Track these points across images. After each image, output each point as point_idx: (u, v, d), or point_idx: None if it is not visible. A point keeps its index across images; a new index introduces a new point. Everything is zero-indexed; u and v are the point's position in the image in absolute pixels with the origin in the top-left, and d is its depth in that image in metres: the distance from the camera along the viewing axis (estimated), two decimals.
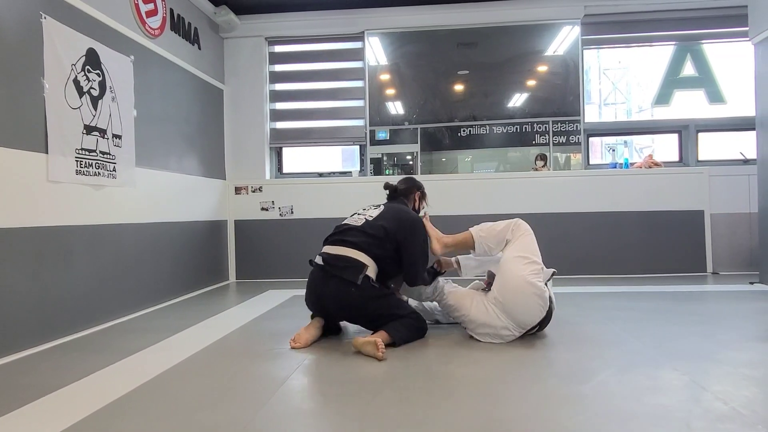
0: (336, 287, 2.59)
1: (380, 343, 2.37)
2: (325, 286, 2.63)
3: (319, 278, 2.68)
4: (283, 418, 1.75)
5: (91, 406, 1.86)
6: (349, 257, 2.62)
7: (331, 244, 2.74)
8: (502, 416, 1.70)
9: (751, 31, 4.33)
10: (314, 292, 2.72)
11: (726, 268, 5.01)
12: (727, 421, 1.58)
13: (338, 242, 2.72)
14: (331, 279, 2.61)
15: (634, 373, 2.09)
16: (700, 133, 5.42)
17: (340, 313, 2.74)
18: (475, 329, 2.67)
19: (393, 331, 2.57)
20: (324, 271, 2.65)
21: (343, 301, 2.60)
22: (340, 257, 2.64)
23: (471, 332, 2.70)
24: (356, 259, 2.61)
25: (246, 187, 5.41)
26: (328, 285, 2.62)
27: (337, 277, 2.59)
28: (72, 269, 3.08)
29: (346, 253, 2.63)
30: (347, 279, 2.56)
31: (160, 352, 2.63)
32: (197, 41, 4.86)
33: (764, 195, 4.28)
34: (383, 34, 5.54)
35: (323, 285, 2.65)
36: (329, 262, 2.65)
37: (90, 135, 3.24)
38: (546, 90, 5.50)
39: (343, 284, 2.57)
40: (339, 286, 2.58)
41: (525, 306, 2.53)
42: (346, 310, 2.68)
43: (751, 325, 2.92)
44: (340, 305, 2.64)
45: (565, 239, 5.04)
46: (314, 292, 2.72)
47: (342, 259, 2.62)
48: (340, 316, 2.78)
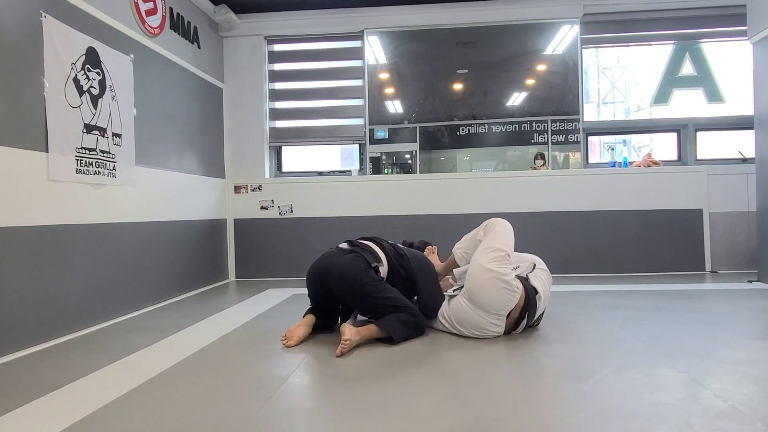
0: (348, 261, 2.69)
1: (344, 344, 2.42)
2: (337, 258, 2.73)
3: (333, 253, 2.83)
4: (285, 416, 1.75)
5: (92, 405, 1.87)
6: (374, 250, 2.80)
7: (361, 238, 2.97)
8: (501, 415, 1.70)
9: (750, 30, 4.34)
10: (321, 263, 2.79)
11: (724, 266, 5.03)
12: (727, 419, 1.59)
13: (368, 238, 2.95)
14: (347, 254, 2.74)
15: (633, 371, 2.10)
16: (698, 132, 5.43)
17: (337, 289, 2.70)
18: (460, 328, 2.69)
19: (387, 326, 2.58)
20: (341, 250, 2.82)
21: (347, 272, 2.65)
22: (366, 246, 2.83)
23: (460, 333, 2.71)
24: (378, 253, 2.81)
25: (245, 186, 5.41)
26: (340, 257, 2.72)
27: (354, 253, 2.73)
28: (72, 268, 3.09)
29: (372, 246, 2.84)
30: (361, 255, 2.70)
31: (161, 351, 2.64)
32: (197, 40, 4.86)
33: (762, 194, 4.29)
34: (382, 33, 5.55)
35: (335, 257, 2.75)
36: (353, 242, 2.88)
37: (90, 134, 3.24)
38: (545, 89, 5.50)
39: (356, 260, 2.68)
40: (351, 261, 2.68)
41: (486, 291, 2.54)
42: (345, 285, 2.66)
43: (749, 324, 2.93)
44: (341, 276, 2.66)
45: (564, 238, 5.06)
46: (321, 263, 2.79)
47: (366, 247, 2.81)
48: (335, 294, 2.74)
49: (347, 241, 2.93)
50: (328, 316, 2.91)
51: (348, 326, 2.51)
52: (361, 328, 2.55)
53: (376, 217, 5.21)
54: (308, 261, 5.46)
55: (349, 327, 2.51)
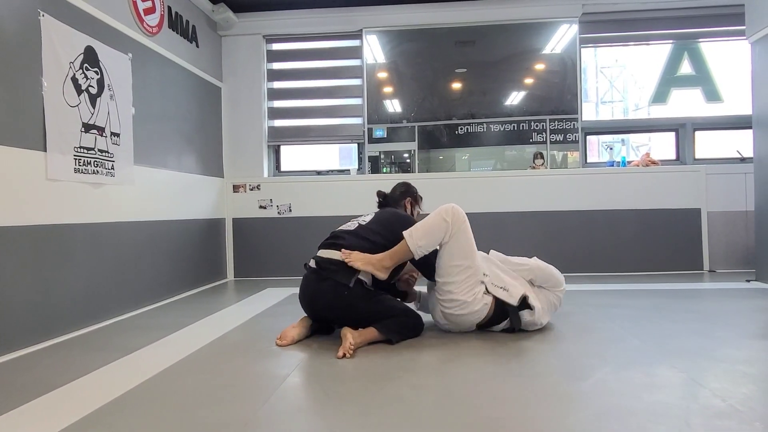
0: (328, 290, 2.58)
1: (348, 346, 2.40)
2: (317, 289, 2.63)
3: (312, 281, 2.68)
4: (284, 416, 1.75)
5: (91, 404, 1.86)
6: (341, 261, 2.60)
7: (324, 248, 2.73)
8: (501, 414, 1.70)
9: (748, 30, 4.34)
10: (306, 295, 2.72)
11: (723, 266, 5.04)
12: (725, 418, 1.60)
13: (331, 245, 2.71)
14: (324, 282, 2.60)
15: (632, 370, 2.10)
16: (697, 132, 5.44)
17: (331, 316, 2.71)
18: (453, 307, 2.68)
19: (385, 330, 2.57)
20: (317, 274, 2.64)
21: (335, 303, 2.59)
22: (332, 261, 2.62)
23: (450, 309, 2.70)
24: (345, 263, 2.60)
25: (244, 185, 5.40)
26: (320, 288, 2.61)
27: (330, 279, 2.58)
28: (71, 267, 3.08)
29: (338, 257, 2.62)
30: (340, 282, 2.55)
31: (160, 350, 2.63)
32: (195, 39, 4.86)
33: (760, 193, 4.30)
34: (381, 32, 5.54)
35: (315, 287, 2.64)
36: (321, 265, 2.64)
37: (88, 133, 3.24)
38: (543, 88, 5.51)
39: (336, 287, 2.56)
40: (331, 289, 2.57)
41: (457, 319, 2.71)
42: (338, 312, 2.64)
43: (748, 323, 2.94)
44: (331, 307, 2.62)
45: (563, 237, 5.06)
46: (306, 295, 2.72)
47: (334, 263, 2.61)
48: (331, 318, 2.75)
49: (315, 259, 2.71)
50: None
51: (349, 330, 2.51)
52: (362, 331, 2.54)
53: None
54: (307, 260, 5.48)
55: (351, 330, 2.51)
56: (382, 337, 2.58)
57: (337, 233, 2.81)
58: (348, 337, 2.46)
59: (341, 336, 2.51)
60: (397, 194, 3.13)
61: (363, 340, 2.53)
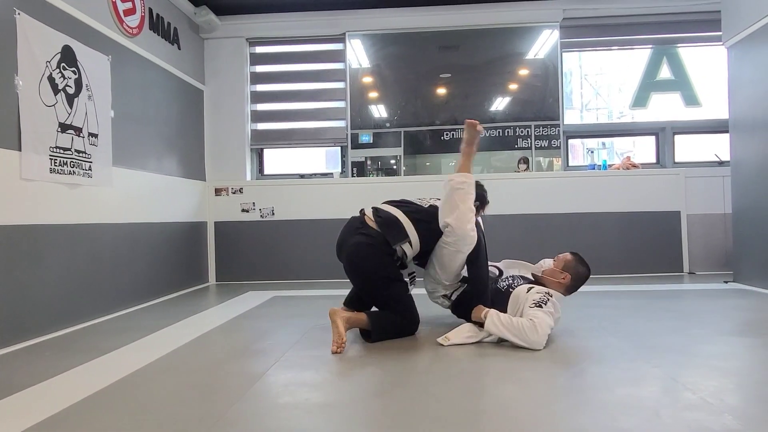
0: (358, 244, 2.58)
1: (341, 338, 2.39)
2: (351, 236, 2.63)
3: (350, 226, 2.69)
4: (256, 413, 1.73)
5: (59, 404, 1.83)
6: (401, 225, 2.60)
7: (391, 204, 2.74)
8: (477, 408, 1.70)
9: (725, 35, 4.42)
10: (339, 239, 2.72)
11: (702, 267, 5.09)
12: (695, 410, 1.61)
13: (399, 205, 2.72)
14: (360, 234, 2.60)
15: (607, 366, 2.11)
16: (676, 136, 5.51)
17: (349, 269, 2.67)
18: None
19: (375, 325, 2.56)
20: (359, 225, 2.64)
21: (359, 261, 2.58)
22: (391, 220, 2.62)
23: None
24: (405, 228, 2.61)
25: (226, 189, 5.37)
26: (354, 237, 2.61)
27: (365, 235, 2.58)
28: (46, 269, 3.03)
29: (396, 214, 2.64)
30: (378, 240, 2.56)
31: (135, 352, 2.60)
32: (177, 41, 4.83)
33: (738, 196, 4.36)
34: (365, 35, 5.56)
35: (349, 234, 2.65)
36: (378, 212, 2.66)
37: (65, 133, 3.20)
38: (527, 92, 5.55)
39: (369, 248, 2.56)
40: (362, 246, 2.57)
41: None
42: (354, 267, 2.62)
43: (723, 321, 2.98)
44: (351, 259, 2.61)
45: (545, 239, 5.08)
46: (339, 239, 2.72)
47: (391, 222, 2.61)
48: (347, 270, 2.70)
49: (374, 209, 2.71)
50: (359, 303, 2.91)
51: (339, 315, 2.48)
52: (352, 318, 2.52)
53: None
54: (289, 263, 5.44)
55: (341, 316, 2.48)
56: (366, 327, 2.56)
57: (407, 201, 2.81)
58: (339, 326, 2.42)
59: (331, 320, 2.47)
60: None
61: (350, 326, 2.51)
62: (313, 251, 5.25)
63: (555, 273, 2.64)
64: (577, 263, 2.65)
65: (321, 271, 5.22)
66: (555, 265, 2.68)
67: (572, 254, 2.70)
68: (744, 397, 1.78)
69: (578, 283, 2.67)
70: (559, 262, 2.68)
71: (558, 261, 2.69)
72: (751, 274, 4.15)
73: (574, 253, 2.71)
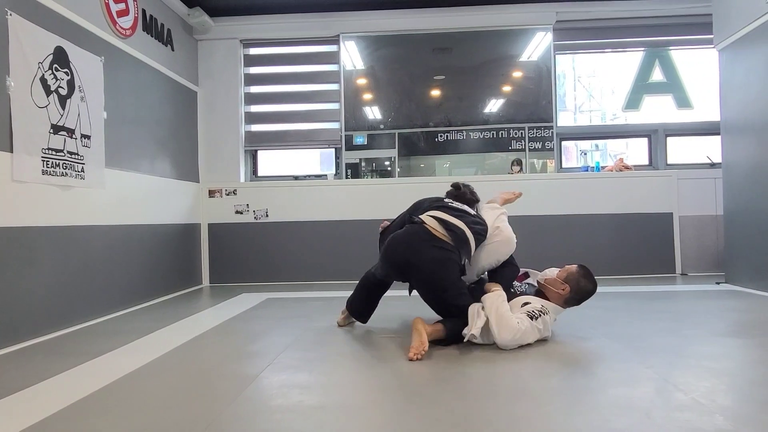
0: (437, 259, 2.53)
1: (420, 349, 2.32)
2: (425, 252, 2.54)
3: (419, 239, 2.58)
4: (249, 415, 1.73)
5: (51, 407, 1.82)
6: (467, 236, 2.60)
7: (451, 215, 2.66)
8: (470, 410, 1.70)
9: (716, 38, 4.45)
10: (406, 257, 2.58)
11: (694, 269, 5.12)
12: (686, 411, 1.62)
13: (458, 217, 2.67)
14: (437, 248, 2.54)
15: (600, 367, 2.12)
16: (668, 138, 5.55)
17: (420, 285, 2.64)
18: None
19: (450, 332, 2.50)
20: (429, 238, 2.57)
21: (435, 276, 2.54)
22: (462, 230, 2.60)
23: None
24: (470, 240, 2.61)
25: (220, 190, 5.36)
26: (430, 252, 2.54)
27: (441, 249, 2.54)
28: (37, 271, 3.01)
29: (465, 229, 2.61)
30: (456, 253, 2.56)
31: (128, 354, 2.58)
32: (170, 42, 4.82)
33: (729, 198, 4.39)
34: (359, 37, 5.56)
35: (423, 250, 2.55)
36: (451, 228, 2.59)
37: (57, 135, 3.18)
38: (520, 95, 5.57)
39: (447, 263, 2.54)
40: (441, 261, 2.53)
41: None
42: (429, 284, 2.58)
43: (716, 322, 2.99)
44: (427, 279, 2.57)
45: (538, 241, 5.09)
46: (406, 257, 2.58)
47: (462, 232, 2.60)
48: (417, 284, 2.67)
49: (438, 220, 2.62)
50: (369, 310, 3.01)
51: (422, 323, 2.43)
52: (431, 329, 2.45)
53: (353, 222, 5.20)
54: (283, 265, 5.43)
55: (423, 324, 2.42)
56: (441, 336, 2.49)
57: (457, 207, 2.76)
58: (422, 334, 2.36)
59: (413, 329, 2.41)
60: (468, 196, 3.02)
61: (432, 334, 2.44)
62: (307, 253, 5.25)
63: (555, 283, 2.60)
64: (580, 277, 2.59)
65: (315, 272, 5.22)
66: (558, 275, 2.62)
67: (579, 267, 2.63)
68: (735, 397, 1.79)
69: (579, 297, 2.61)
70: (563, 273, 2.62)
71: (562, 271, 2.63)
72: (743, 275, 4.18)
73: (582, 267, 2.64)
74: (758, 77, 3.93)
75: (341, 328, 3.03)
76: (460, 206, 2.79)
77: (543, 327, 2.47)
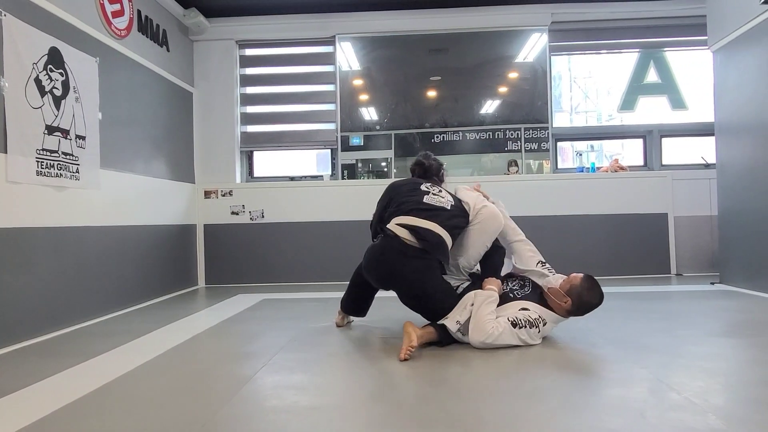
0: (417, 269, 2.52)
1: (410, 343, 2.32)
2: (403, 264, 2.52)
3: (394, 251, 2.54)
4: (244, 416, 1.73)
5: (45, 408, 1.81)
6: (441, 239, 2.55)
7: (423, 218, 2.59)
8: (464, 409, 1.71)
9: (710, 39, 4.47)
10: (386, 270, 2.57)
11: (689, 269, 5.14)
12: (680, 410, 1.62)
13: (429, 217, 2.60)
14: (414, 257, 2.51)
15: (595, 367, 2.13)
16: (663, 138, 5.57)
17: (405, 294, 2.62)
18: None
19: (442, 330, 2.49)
20: (403, 248, 2.52)
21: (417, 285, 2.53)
22: (433, 233, 2.54)
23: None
24: (445, 241, 2.57)
25: (216, 191, 5.35)
26: (410, 263, 2.51)
27: (423, 257, 2.52)
28: (32, 272, 3.00)
29: (438, 231, 2.55)
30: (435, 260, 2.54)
31: (123, 355, 2.58)
32: (166, 43, 4.81)
33: (723, 198, 4.41)
34: (355, 38, 5.57)
35: (399, 262, 2.52)
36: (420, 233, 2.52)
37: (52, 135, 3.18)
38: (516, 95, 5.58)
39: (427, 271, 2.53)
40: (421, 270, 2.52)
41: None
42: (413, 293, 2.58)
43: (711, 322, 3.01)
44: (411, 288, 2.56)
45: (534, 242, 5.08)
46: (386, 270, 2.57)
47: (439, 243, 2.54)
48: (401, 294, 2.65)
49: (409, 228, 2.55)
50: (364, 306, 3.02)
51: (412, 326, 2.41)
52: (422, 332, 2.44)
53: (349, 222, 5.20)
54: (279, 266, 5.43)
55: (414, 327, 2.41)
56: (434, 338, 2.49)
57: (431, 206, 2.66)
58: (412, 336, 2.35)
59: (404, 332, 2.40)
60: (435, 167, 3.03)
61: (423, 341, 2.44)
62: (302, 254, 5.25)
63: (558, 295, 2.55)
64: (583, 290, 2.52)
65: (310, 274, 5.22)
66: (561, 285, 2.57)
67: (584, 279, 2.56)
68: (728, 397, 1.80)
69: (581, 310, 2.56)
70: (566, 284, 2.56)
71: (565, 282, 2.58)
72: (737, 276, 4.20)
73: (587, 278, 2.57)
74: (752, 78, 3.95)
75: (337, 328, 3.03)
76: (435, 201, 2.68)
77: (527, 337, 2.44)
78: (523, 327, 2.44)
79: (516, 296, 2.64)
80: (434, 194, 2.73)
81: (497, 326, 2.40)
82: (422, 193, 2.73)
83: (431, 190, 2.76)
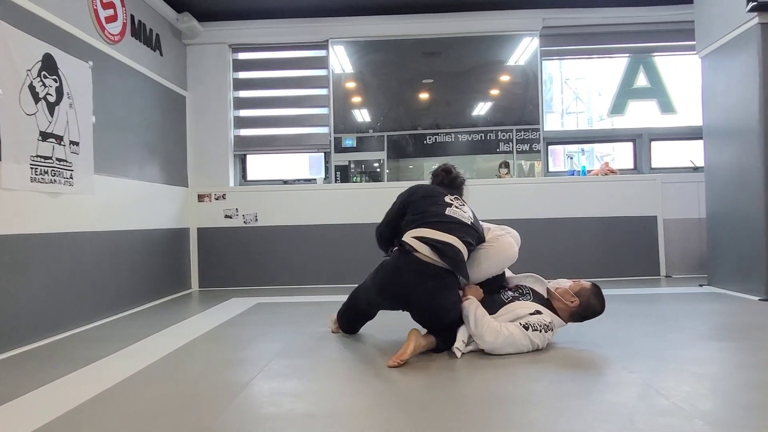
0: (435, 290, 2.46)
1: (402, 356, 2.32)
2: (421, 284, 2.45)
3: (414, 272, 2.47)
4: (243, 423, 1.75)
5: (44, 417, 1.82)
6: (462, 255, 2.50)
7: (443, 230, 2.51)
8: (458, 416, 1.74)
9: (698, 45, 4.54)
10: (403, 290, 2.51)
11: (678, 271, 5.21)
12: (668, 415, 1.67)
13: (451, 230, 2.52)
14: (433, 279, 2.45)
15: (585, 372, 2.17)
16: (653, 142, 5.64)
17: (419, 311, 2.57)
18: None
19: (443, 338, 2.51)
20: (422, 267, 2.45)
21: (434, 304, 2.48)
22: (453, 247, 2.48)
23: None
24: (464, 257, 2.53)
25: (209, 195, 5.36)
26: (426, 284, 2.45)
27: (437, 277, 2.45)
28: (27, 278, 3.01)
29: (457, 245, 2.49)
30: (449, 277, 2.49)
31: (119, 361, 2.59)
32: (159, 48, 4.82)
33: (712, 201, 4.48)
34: (348, 42, 5.59)
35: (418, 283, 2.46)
36: (440, 249, 2.44)
37: (46, 142, 3.18)
38: (508, 99, 5.64)
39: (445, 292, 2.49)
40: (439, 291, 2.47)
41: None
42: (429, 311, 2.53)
43: (699, 325, 3.06)
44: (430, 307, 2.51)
45: (525, 244, 5.11)
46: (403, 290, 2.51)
47: (455, 252, 2.48)
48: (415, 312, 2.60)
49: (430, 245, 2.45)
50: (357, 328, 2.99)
51: (416, 333, 2.42)
52: (426, 343, 2.45)
53: (343, 225, 5.23)
54: (273, 270, 5.43)
55: (418, 334, 2.42)
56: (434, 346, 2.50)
57: (453, 218, 2.58)
58: (410, 348, 2.34)
59: (407, 339, 2.39)
60: (460, 180, 2.99)
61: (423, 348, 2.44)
62: (296, 257, 5.27)
63: (566, 294, 2.58)
64: (591, 294, 2.57)
65: (305, 277, 5.24)
66: (570, 287, 2.61)
67: (593, 285, 2.62)
68: (716, 401, 1.84)
69: (585, 314, 2.59)
70: (575, 286, 2.61)
71: (575, 284, 2.62)
72: (725, 278, 4.27)
73: (595, 285, 2.62)
74: (739, 84, 4.02)
75: (333, 334, 3.05)
76: (457, 215, 2.60)
77: (539, 340, 2.45)
78: (537, 330, 2.44)
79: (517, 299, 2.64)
80: (457, 207, 2.66)
81: (507, 326, 2.43)
82: (446, 205, 2.65)
83: (455, 203, 2.70)
